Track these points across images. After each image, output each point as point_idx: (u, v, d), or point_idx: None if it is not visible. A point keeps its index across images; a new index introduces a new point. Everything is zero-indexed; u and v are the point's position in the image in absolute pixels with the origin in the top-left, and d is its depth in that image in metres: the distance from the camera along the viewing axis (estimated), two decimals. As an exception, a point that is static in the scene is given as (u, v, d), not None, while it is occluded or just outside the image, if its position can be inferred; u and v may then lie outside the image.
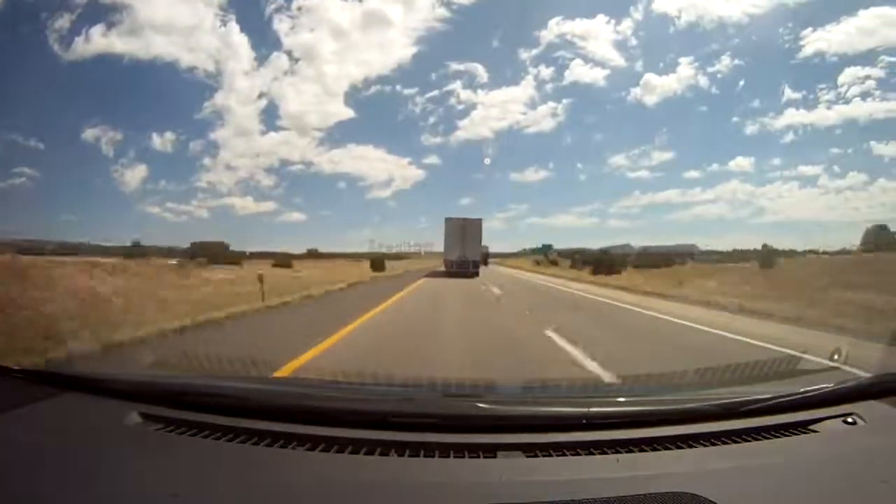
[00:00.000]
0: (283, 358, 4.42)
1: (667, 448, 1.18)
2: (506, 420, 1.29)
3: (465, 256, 26.42)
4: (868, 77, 38.52)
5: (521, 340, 6.44)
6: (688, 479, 1.03)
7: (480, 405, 1.33)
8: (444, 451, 1.13)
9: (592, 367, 4.65)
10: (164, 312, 7.29)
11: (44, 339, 4.54)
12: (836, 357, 2.34)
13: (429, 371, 4.20)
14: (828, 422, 1.33)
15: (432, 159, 42.95)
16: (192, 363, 2.33)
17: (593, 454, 1.14)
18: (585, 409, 1.37)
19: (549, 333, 6.43)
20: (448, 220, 28.45)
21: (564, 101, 45.62)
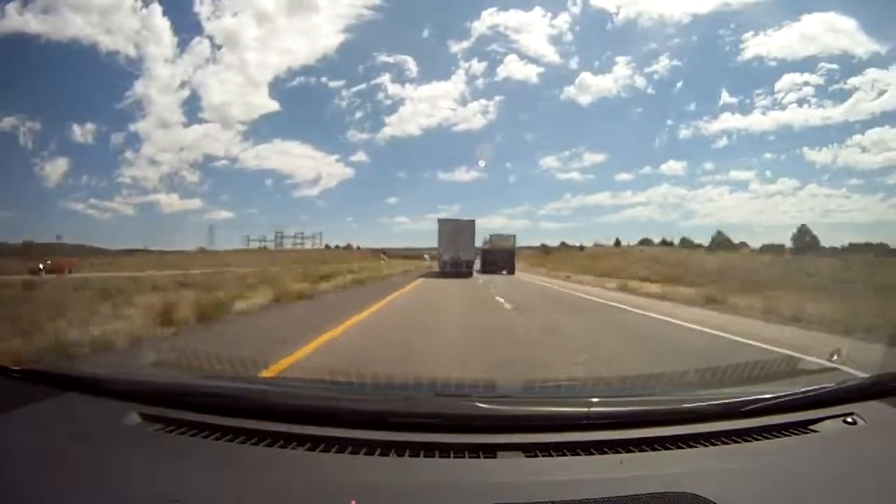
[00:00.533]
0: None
1: (667, 448, 1.18)
2: (506, 420, 1.29)
3: (458, 257, 26.99)
4: (806, 84, 39.26)
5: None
6: (688, 479, 1.03)
7: (480, 405, 1.33)
8: (444, 451, 1.13)
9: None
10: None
11: None
12: (835, 357, 2.35)
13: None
14: (828, 422, 1.33)
15: (360, 157, 41.64)
16: (192, 363, 2.33)
17: (593, 454, 1.14)
18: (585, 409, 1.37)
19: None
20: (441, 221, 28.33)
21: (496, 98, 44.04)
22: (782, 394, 1.42)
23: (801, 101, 39.09)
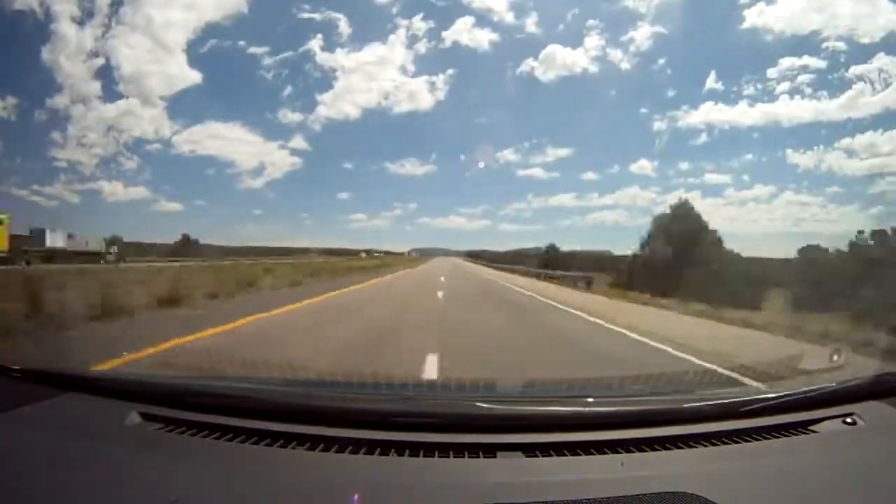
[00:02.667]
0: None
1: (667, 448, 1.18)
2: (506, 420, 1.29)
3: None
4: (804, 69, 32.96)
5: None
6: (688, 479, 1.03)
7: (480, 405, 1.33)
8: (444, 451, 1.13)
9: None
10: None
11: None
12: (836, 357, 2.34)
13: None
14: (828, 422, 1.33)
15: (300, 143, 36.09)
16: (192, 363, 2.33)
17: (593, 454, 1.14)
18: (585, 409, 1.37)
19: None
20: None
21: (446, 71, 35.89)
22: (782, 394, 1.42)
23: (794, 91, 33.70)
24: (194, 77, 32.97)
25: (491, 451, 1.14)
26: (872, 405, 1.40)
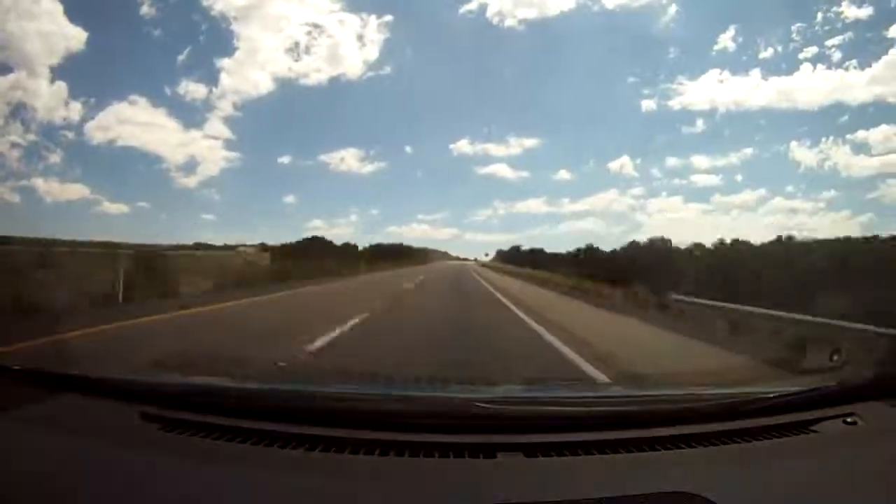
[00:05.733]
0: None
1: (667, 448, 1.18)
2: (506, 420, 1.29)
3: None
4: (839, 23, 24.95)
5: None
6: (688, 479, 1.03)
7: (480, 405, 1.33)
8: (444, 451, 1.13)
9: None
10: None
11: None
12: (835, 357, 2.34)
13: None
14: (828, 422, 1.33)
15: (220, 129, 29.58)
16: (192, 363, 2.33)
17: (593, 454, 1.14)
18: (585, 409, 1.37)
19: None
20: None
21: (382, 17, 27.42)
22: (782, 394, 1.42)
23: (820, 58, 25.61)
24: (78, 35, 25.30)
25: (491, 451, 1.14)
26: (872, 405, 1.40)
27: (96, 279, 10.14)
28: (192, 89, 29.42)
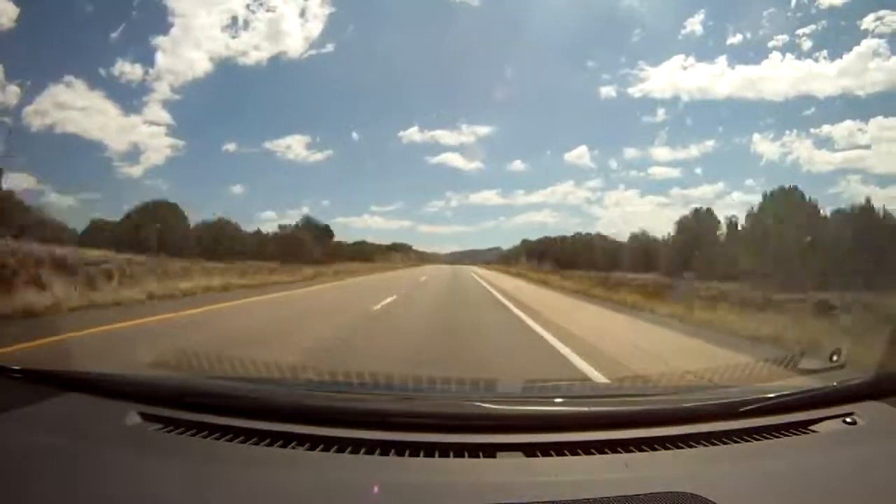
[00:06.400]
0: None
1: (667, 448, 1.18)
2: (506, 420, 1.29)
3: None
4: (813, 11, 24.18)
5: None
6: (688, 479, 1.03)
7: (480, 405, 1.33)
8: (444, 451, 1.13)
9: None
10: None
11: None
12: (835, 357, 2.34)
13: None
14: (828, 422, 1.33)
15: (160, 114, 27.88)
16: (193, 363, 2.33)
17: (593, 454, 1.14)
18: (585, 409, 1.37)
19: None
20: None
21: None
22: (782, 394, 1.42)
23: (790, 47, 24.72)
24: (9, 11, 23.10)
25: (491, 451, 1.14)
26: (872, 405, 1.40)
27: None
28: (128, 70, 27.53)
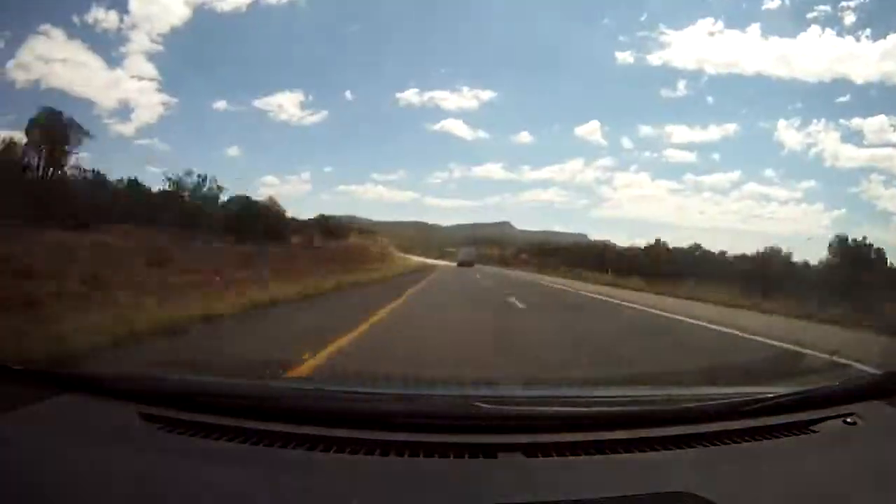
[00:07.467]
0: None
1: (667, 448, 1.18)
2: (506, 420, 1.29)
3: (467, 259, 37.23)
4: None
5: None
6: (688, 479, 1.04)
7: (480, 405, 1.33)
8: (444, 451, 1.13)
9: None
10: None
11: None
12: (836, 357, 2.35)
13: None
14: (828, 422, 1.33)
15: (142, 66, 27.25)
16: (193, 363, 2.33)
17: (593, 454, 1.14)
18: (585, 409, 1.37)
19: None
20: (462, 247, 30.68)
21: None
22: (782, 394, 1.42)
23: (830, 19, 22.85)
24: None
25: (491, 451, 1.14)
26: (872, 405, 1.40)
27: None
28: (103, 17, 28.54)
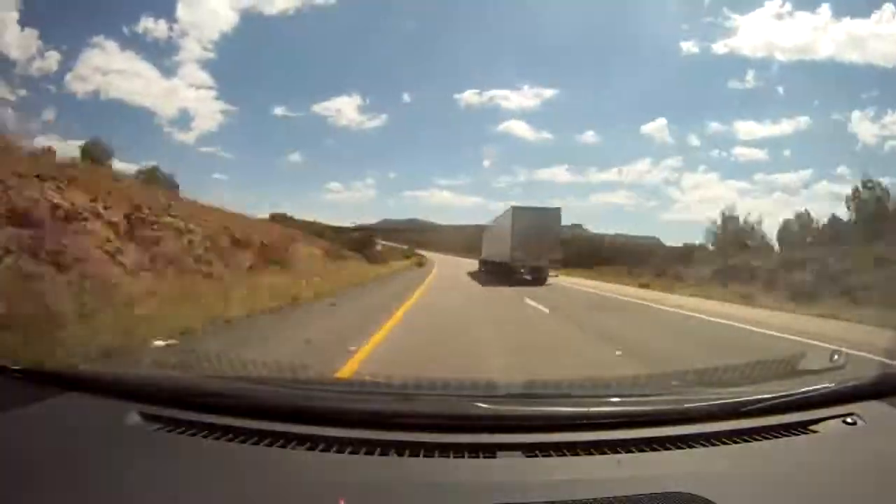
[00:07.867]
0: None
1: (667, 448, 1.18)
2: (506, 420, 1.29)
3: (530, 260, 18.85)
4: None
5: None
6: (688, 479, 1.04)
7: (480, 405, 1.33)
8: (444, 451, 1.13)
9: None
10: None
11: None
12: (836, 357, 2.34)
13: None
14: (828, 422, 1.33)
15: (197, 74, 28.02)
16: (193, 363, 2.33)
17: (593, 454, 1.14)
18: (585, 409, 1.37)
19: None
20: (515, 209, 20.01)
21: None
22: (782, 394, 1.41)
23: None
24: None
25: (491, 451, 1.14)
26: (872, 405, 1.40)
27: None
28: (152, 27, 28.39)
